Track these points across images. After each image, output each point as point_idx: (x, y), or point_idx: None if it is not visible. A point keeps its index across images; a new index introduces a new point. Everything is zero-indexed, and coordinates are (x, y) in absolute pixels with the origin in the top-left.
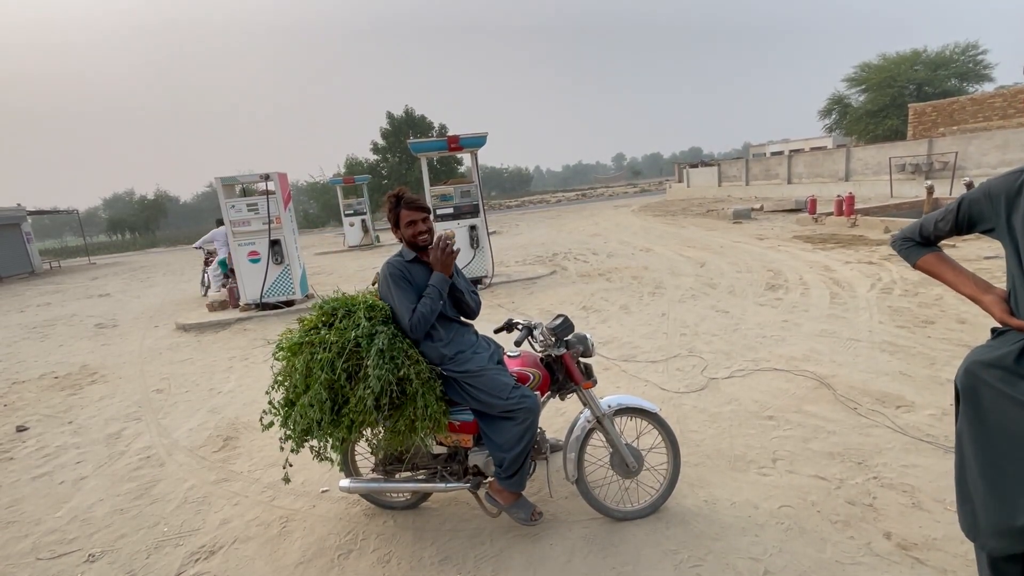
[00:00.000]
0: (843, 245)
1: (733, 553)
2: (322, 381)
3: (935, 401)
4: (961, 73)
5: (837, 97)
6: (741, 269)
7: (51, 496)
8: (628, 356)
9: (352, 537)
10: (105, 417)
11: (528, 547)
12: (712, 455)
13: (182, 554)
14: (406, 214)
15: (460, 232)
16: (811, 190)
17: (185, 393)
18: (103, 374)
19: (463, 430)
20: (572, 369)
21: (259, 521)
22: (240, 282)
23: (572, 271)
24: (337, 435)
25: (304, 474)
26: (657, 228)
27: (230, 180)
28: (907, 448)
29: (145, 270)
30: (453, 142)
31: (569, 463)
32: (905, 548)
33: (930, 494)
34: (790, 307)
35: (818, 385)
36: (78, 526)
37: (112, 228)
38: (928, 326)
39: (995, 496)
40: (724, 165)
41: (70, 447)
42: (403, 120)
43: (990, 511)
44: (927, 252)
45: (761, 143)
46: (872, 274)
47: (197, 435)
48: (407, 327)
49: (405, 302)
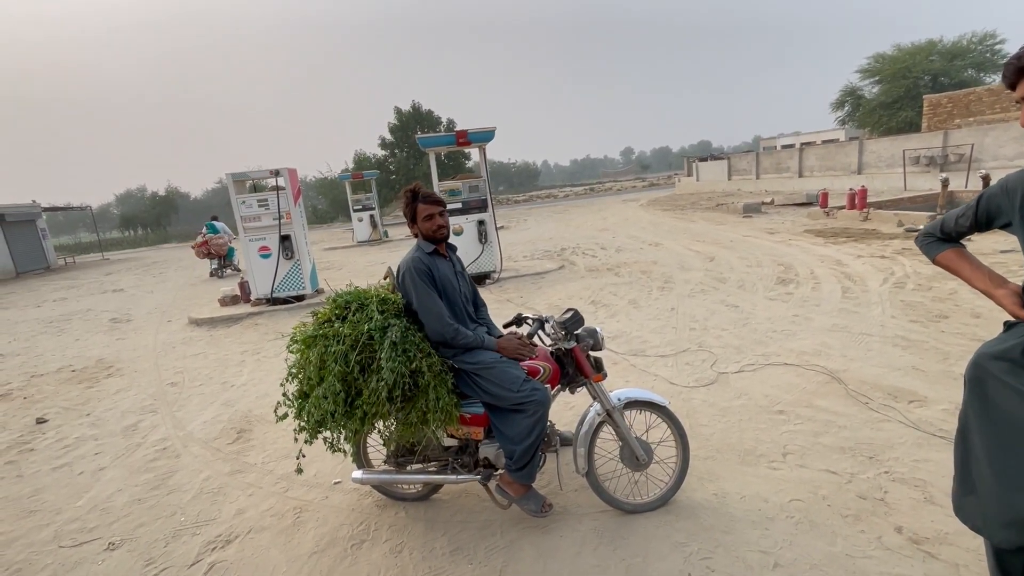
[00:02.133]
0: (855, 239)
1: (743, 546)
2: (336, 373)
3: (948, 396)
4: (978, 63)
5: (850, 89)
6: (751, 263)
7: (71, 486)
8: (637, 350)
9: (365, 528)
10: (122, 410)
11: (538, 539)
12: (722, 449)
13: (199, 543)
14: (423, 208)
15: (468, 227)
16: (823, 184)
17: (199, 386)
18: (119, 368)
19: (474, 423)
20: (582, 363)
21: (273, 511)
22: (251, 277)
23: (580, 266)
24: (350, 427)
25: (316, 466)
26: (666, 223)
27: (241, 176)
28: (919, 443)
29: (157, 266)
30: (461, 137)
31: (579, 456)
32: (916, 542)
33: (942, 488)
34: (801, 301)
35: (829, 380)
36: (98, 515)
37: (125, 224)
38: (942, 320)
39: (1003, 487)
40: (734, 159)
41: (88, 439)
42: (411, 115)
43: (1001, 503)
44: (947, 248)
45: (772, 136)
46: (885, 268)
47: (211, 427)
48: (434, 330)
49: (434, 305)
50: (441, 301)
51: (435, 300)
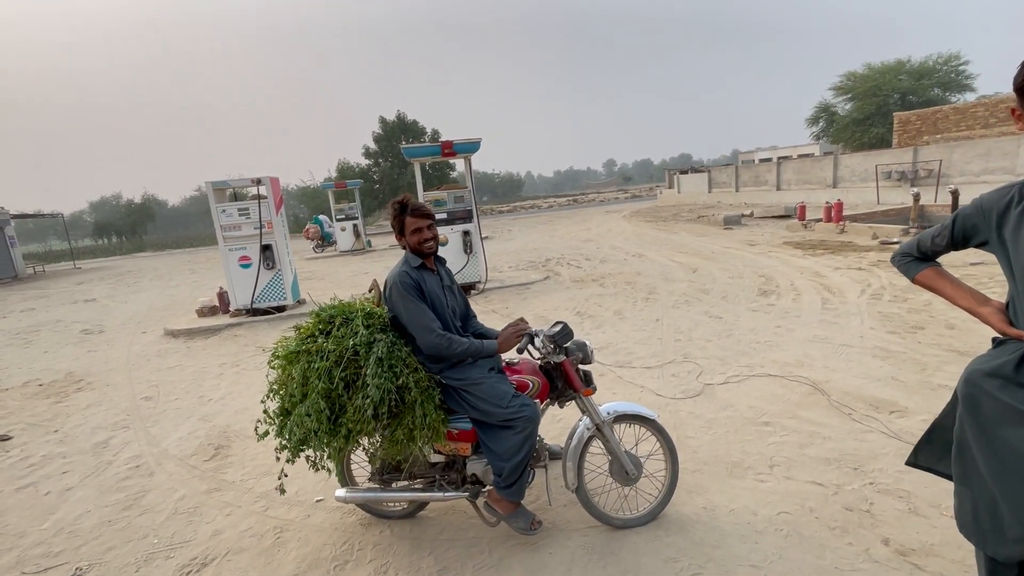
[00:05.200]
0: (832, 251)
1: (733, 560)
2: (319, 390)
3: (927, 406)
4: (944, 83)
5: (824, 105)
6: (733, 275)
7: (36, 507)
8: (623, 362)
9: (348, 547)
10: (92, 425)
11: (527, 556)
12: (710, 461)
13: (173, 567)
14: (411, 221)
15: (454, 237)
16: (800, 197)
17: (175, 400)
18: (89, 381)
19: (461, 439)
20: (572, 376)
21: (252, 532)
22: (230, 287)
23: (565, 276)
24: (334, 445)
25: (298, 483)
26: (649, 234)
27: (221, 184)
28: (901, 453)
29: (132, 275)
30: (447, 147)
31: (569, 471)
32: (903, 554)
33: (926, 499)
34: (782, 313)
35: (812, 391)
36: (64, 538)
37: (98, 232)
38: (918, 332)
39: (1006, 504)
40: (714, 172)
41: (56, 456)
42: (395, 125)
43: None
44: (926, 267)
45: (750, 150)
46: (862, 280)
47: (187, 443)
48: (427, 343)
49: (423, 318)
50: (431, 313)
51: (425, 312)
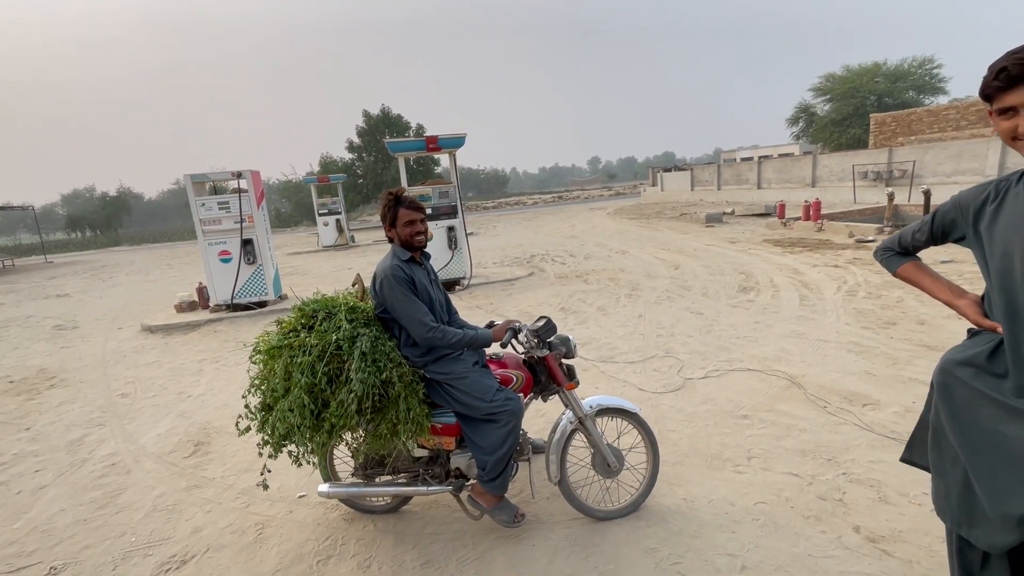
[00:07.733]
0: (810, 249)
1: (711, 550)
2: (302, 385)
3: (898, 399)
4: (918, 86)
5: (804, 106)
6: (714, 272)
7: (8, 507)
8: (606, 357)
9: (331, 543)
10: (66, 423)
11: (510, 549)
12: (690, 454)
13: (152, 564)
14: (404, 213)
15: (438, 233)
16: (780, 195)
17: (152, 397)
18: (63, 378)
19: (445, 433)
20: (555, 371)
21: (233, 528)
22: (210, 282)
23: (550, 273)
24: (317, 440)
25: (280, 479)
26: (632, 231)
27: (200, 177)
28: (873, 444)
29: (107, 269)
30: (432, 142)
31: (552, 464)
32: (873, 541)
33: (895, 488)
34: (761, 308)
35: (789, 384)
36: (38, 538)
37: (71, 226)
38: (890, 327)
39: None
40: (697, 170)
41: (28, 455)
42: (380, 119)
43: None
44: (906, 261)
45: (732, 149)
46: (838, 277)
47: (166, 440)
48: (421, 335)
49: (418, 311)
50: (424, 306)
51: (417, 305)
